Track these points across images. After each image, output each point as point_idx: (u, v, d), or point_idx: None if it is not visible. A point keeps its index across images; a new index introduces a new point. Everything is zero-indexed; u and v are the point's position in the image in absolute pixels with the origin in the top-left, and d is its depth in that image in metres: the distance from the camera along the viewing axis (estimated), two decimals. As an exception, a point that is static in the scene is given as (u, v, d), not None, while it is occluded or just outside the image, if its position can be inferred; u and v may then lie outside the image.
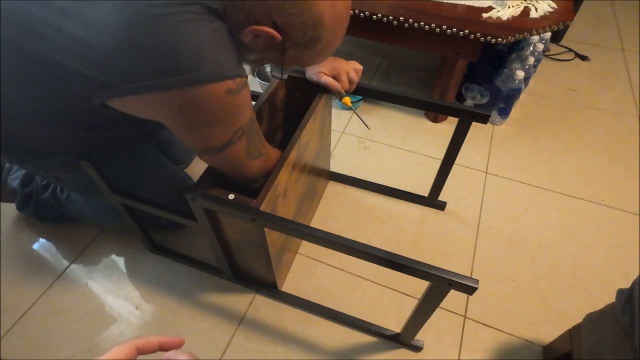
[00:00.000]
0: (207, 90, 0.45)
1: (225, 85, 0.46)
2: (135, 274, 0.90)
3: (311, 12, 0.47)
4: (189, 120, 0.48)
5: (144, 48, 0.41)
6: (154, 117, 0.49)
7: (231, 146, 0.54)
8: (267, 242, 0.67)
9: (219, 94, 0.46)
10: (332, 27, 0.51)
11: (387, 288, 0.88)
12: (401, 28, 1.03)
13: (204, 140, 0.52)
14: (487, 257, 0.94)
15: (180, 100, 0.45)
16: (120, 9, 0.40)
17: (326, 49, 0.54)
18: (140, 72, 0.42)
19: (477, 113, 0.75)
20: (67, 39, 0.43)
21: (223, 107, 0.48)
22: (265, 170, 0.63)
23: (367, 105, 1.35)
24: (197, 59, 0.43)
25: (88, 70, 0.44)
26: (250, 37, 0.49)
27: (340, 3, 0.50)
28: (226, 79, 0.46)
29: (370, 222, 1.01)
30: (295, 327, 0.82)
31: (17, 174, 0.91)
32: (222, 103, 0.47)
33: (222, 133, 0.51)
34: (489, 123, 1.28)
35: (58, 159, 0.66)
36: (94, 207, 0.87)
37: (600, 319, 0.60)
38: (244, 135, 0.54)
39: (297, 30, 0.49)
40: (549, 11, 1.03)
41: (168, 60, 0.42)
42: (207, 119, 0.49)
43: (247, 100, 0.52)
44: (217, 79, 0.45)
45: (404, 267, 0.53)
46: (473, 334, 0.81)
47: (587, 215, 1.03)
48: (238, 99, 0.49)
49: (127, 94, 0.45)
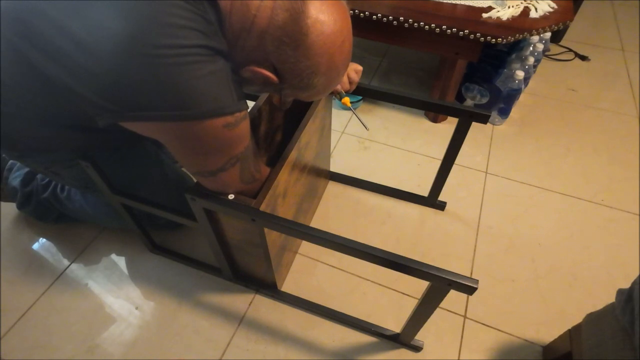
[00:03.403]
0: (206, 125, 0.47)
1: (223, 120, 0.48)
2: (135, 274, 0.90)
3: (308, 63, 0.49)
4: (186, 147, 0.51)
5: (148, 84, 0.43)
6: (153, 136, 0.51)
7: (225, 171, 0.56)
8: (267, 242, 0.67)
9: (216, 128, 0.48)
10: (328, 77, 0.53)
11: (387, 288, 0.88)
12: (401, 28, 1.03)
13: (199, 165, 0.55)
14: (487, 257, 0.94)
15: (179, 131, 0.48)
16: (127, 45, 0.41)
17: (322, 91, 0.57)
18: (141, 103, 0.44)
19: (477, 113, 0.75)
20: (71, 63, 0.43)
21: (220, 139, 0.51)
22: (254, 190, 0.64)
23: (367, 105, 1.35)
24: (197, 98, 0.45)
25: (93, 96, 0.45)
26: (249, 74, 0.51)
27: (340, 55, 0.52)
28: (225, 115, 0.48)
29: (370, 222, 1.01)
30: (295, 327, 0.82)
31: (17, 173, 0.91)
32: (219, 136, 0.50)
33: (217, 160, 0.54)
34: (489, 123, 1.28)
35: (58, 155, 0.66)
36: (94, 207, 0.87)
37: (600, 319, 0.60)
38: (238, 162, 0.56)
39: (294, 76, 0.51)
40: (549, 11, 1.03)
41: (168, 97, 0.44)
42: (203, 149, 0.51)
43: (245, 131, 0.54)
44: (215, 115, 0.47)
45: (404, 267, 0.53)
46: (473, 334, 0.81)
47: (587, 215, 1.03)
48: (236, 132, 0.51)
49: (127, 120, 0.47)
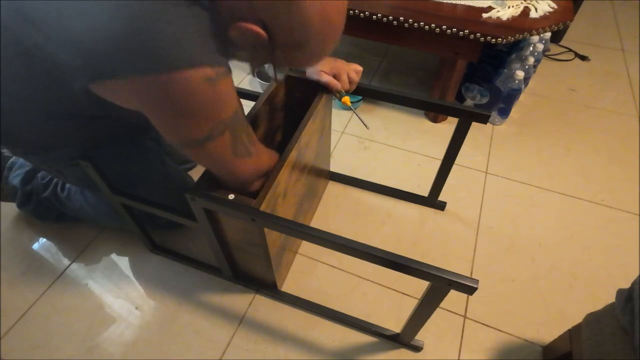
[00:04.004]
0: (184, 77, 0.44)
1: (203, 72, 0.45)
2: (135, 274, 0.90)
3: (299, 15, 0.47)
4: (166, 109, 0.47)
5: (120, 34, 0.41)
6: (133, 105, 0.48)
7: (213, 140, 0.51)
8: (267, 242, 0.67)
9: (196, 81, 0.45)
10: (322, 32, 0.50)
11: (387, 288, 0.88)
12: (401, 28, 1.03)
13: (183, 132, 0.50)
14: (487, 257, 0.94)
15: (154, 88, 0.44)
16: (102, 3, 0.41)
17: (317, 52, 0.53)
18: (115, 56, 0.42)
19: (477, 113, 0.75)
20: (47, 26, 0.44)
21: (201, 96, 0.46)
22: (258, 172, 0.61)
23: (367, 105, 1.35)
24: (170, 46, 0.42)
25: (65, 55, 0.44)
26: (236, 33, 0.48)
27: (333, 8, 0.49)
28: (204, 65, 0.45)
29: (370, 222, 1.01)
30: (295, 327, 0.82)
31: (18, 172, 0.92)
32: (200, 91, 0.46)
33: (201, 125, 0.49)
34: (489, 123, 1.28)
35: (62, 153, 0.66)
36: (94, 206, 0.87)
37: (600, 319, 0.60)
38: (227, 130, 0.51)
39: (284, 31, 0.48)
40: (548, 11, 1.03)
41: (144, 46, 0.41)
42: (184, 109, 0.47)
43: (230, 93, 0.50)
44: (193, 63, 0.44)
45: (404, 267, 0.53)
46: (473, 334, 0.81)
47: (587, 215, 1.03)
48: (218, 89, 0.47)
49: (102, 77, 0.45)
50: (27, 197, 0.91)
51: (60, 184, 0.90)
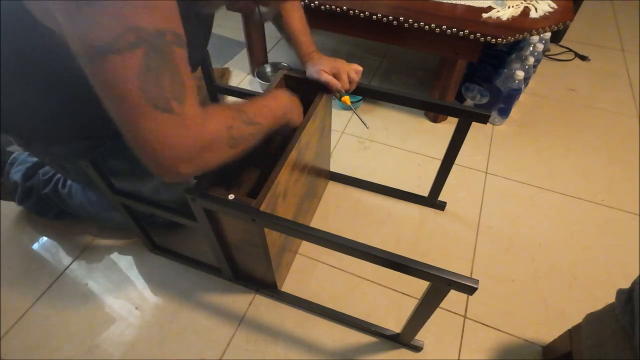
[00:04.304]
0: None
1: None
2: (135, 274, 0.90)
3: None
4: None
5: None
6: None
7: (118, 54, 0.37)
8: (267, 242, 0.67)
9: None
10: None
11: (387, 288, 0.88)
12: (401, 28, 1.03)
13: (85, 30, 0.37)
14: (487, 257, 0.94)
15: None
16: None
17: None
18: None
19: (477, 113, 0.75)
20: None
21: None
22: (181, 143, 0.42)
23: (367, 105, 1.35)
24: None
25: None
26: None
27: None
28: None
29: (370, 222, 1.01)
30: (295, 327, 0.82)
31: (19, 167, 0.92)
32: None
33: (109, 23, 0.36)
34: (489, 123, 1.28)
35: (63, 149, 0.66)
36: (94, 204, 0.87)
37: (600, 319, 0.60)
38: (142, 46, 0.38)
39: None
40: (548, 11, 1.03)
41: None
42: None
43: (165, 2, 0.38)
44: None
45: (404, 267, 0.53)
46: (473, 334, 0.81)
47: (587, 215, 1.03)
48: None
49: None
50: (28, 193, 0.91)
51: (62, 181, 0.90)
